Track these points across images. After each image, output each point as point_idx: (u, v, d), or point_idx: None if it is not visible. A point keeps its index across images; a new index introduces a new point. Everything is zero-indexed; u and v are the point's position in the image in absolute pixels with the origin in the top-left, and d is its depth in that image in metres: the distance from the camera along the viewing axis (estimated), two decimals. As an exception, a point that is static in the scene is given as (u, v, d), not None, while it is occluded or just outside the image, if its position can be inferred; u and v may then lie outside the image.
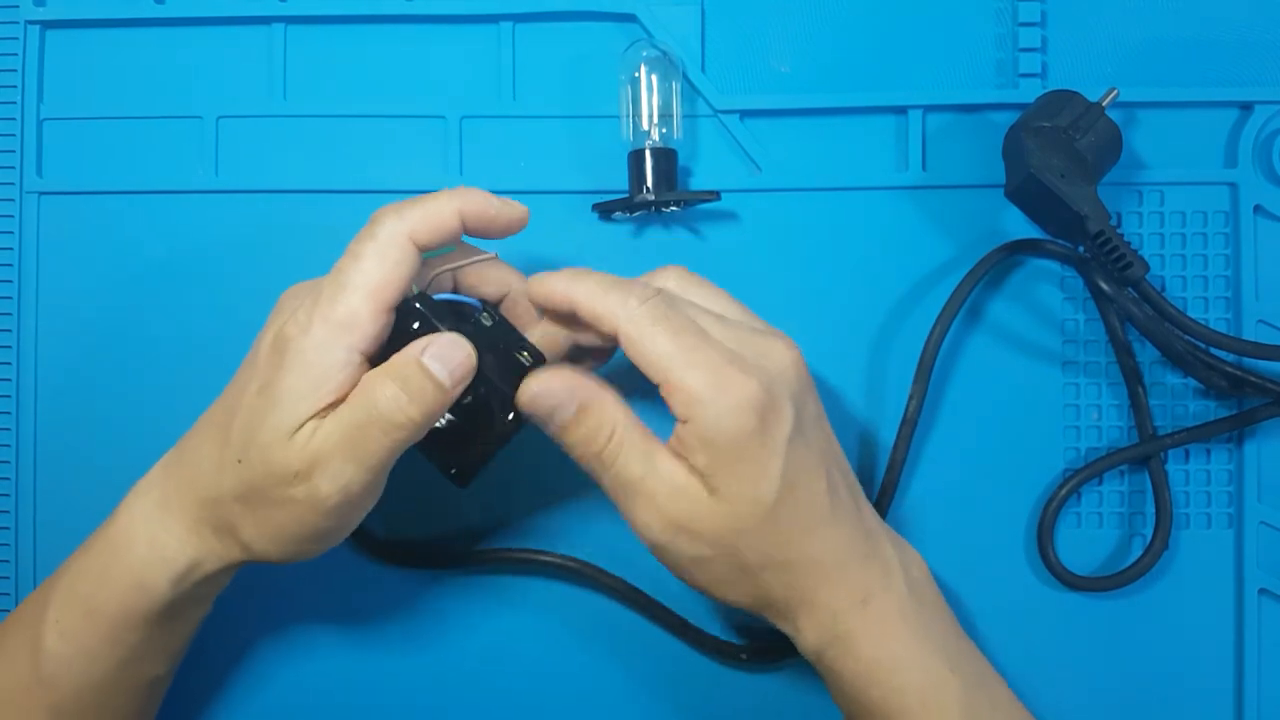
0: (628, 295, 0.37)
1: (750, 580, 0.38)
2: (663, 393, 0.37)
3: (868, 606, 0.39)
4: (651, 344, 0.37)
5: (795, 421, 0.37)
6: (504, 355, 0.39)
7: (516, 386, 0.38)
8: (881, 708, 0.39)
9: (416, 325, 0.38)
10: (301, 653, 0.48)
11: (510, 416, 0.39)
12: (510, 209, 0.39)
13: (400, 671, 0.48)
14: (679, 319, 0.37)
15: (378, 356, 0.38)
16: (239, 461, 0.37)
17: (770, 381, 0.37)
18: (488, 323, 0.40)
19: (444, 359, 0.37)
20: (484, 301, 0.41)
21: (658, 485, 0.37)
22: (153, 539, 0.39)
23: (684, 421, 0.37)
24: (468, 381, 0.37)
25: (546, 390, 0.38)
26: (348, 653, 0.48)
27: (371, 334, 0.37)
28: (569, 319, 0.40)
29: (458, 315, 0.39)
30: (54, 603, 0.40)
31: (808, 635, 0.39)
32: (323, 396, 0.36)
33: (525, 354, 0.39)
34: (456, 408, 0.38)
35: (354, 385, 0.37)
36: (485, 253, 0.41)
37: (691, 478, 0.37)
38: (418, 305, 0.38)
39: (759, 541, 0.37)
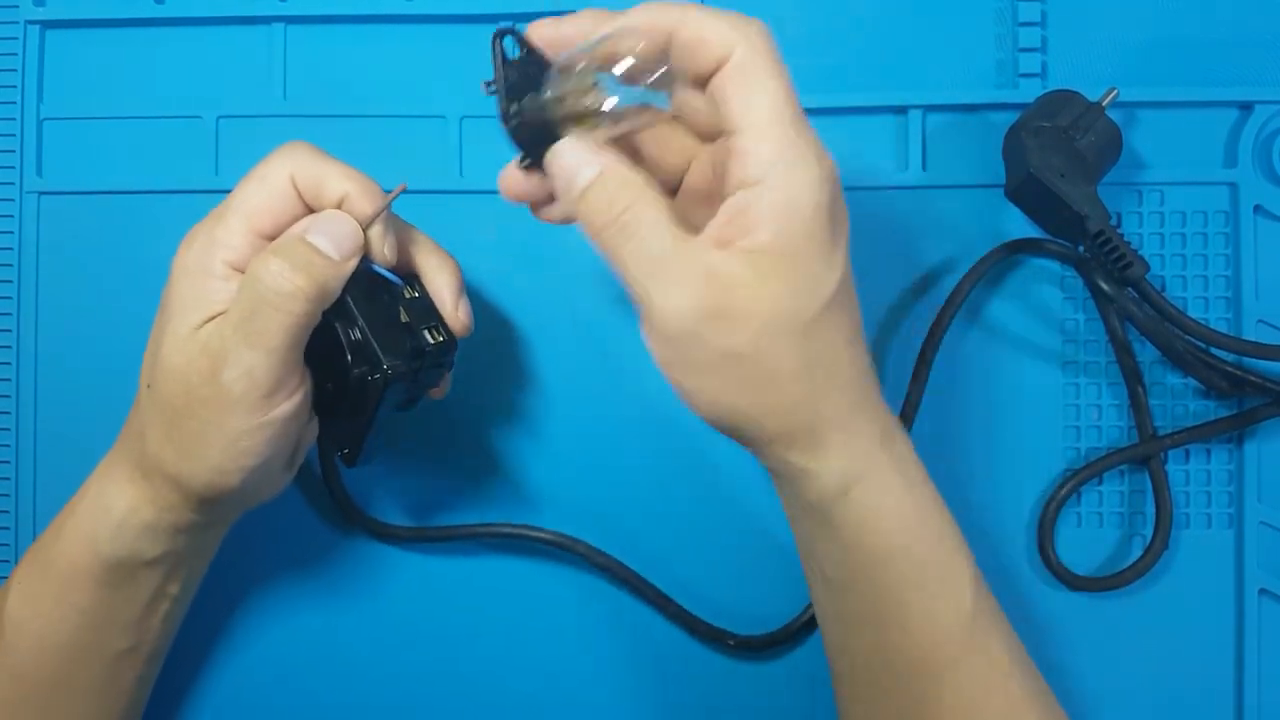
0: (743, 22, 0.33)
1: (779, 391, 0.34)
2: (745, 140, 0.33)
3: (892, 441, 0.36)
4: (763, 82, 0.32)
5: (848, 228, 0.35)
6: (399, 326, 0.38)
7: (406, 356, 0.38)
8: (904, 555, 0.36)
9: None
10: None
11: (376, 377, 0.38)
12: (370, 239, 0.38)
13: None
14: (788, 73, 0.33)
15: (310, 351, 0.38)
16: (148, 387, 0.38)
17: (837, 173, 0.34)
18: (408, 296, 0.39)
19: (328, 233, 0.37)
20: (407, 279, 0.40)
21: (689, 265, 0.33)
22: (98, 492, 0.39)
23: (758, 183, 0.32)
24: (359, 254, 0.38)
25: (563, 151, 0.35)
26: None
27: (247, 254, 0.37)
28: (642, 61, 0.34)
29: (380, 288, 0.39)
30: (21, 566, 0.41)
31: (834, 467, 0.35)
32: (207, 306, 0.37)
33: (434, 331, 0.39)
34: (335, 373, 0.38)
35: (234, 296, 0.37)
36: (398, 186, 0.39)
37: (733, 261, 0.32)
38: None
39: (807, 345, 0.33)
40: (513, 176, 0.37)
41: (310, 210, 0.38)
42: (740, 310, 0.33)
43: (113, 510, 0.38)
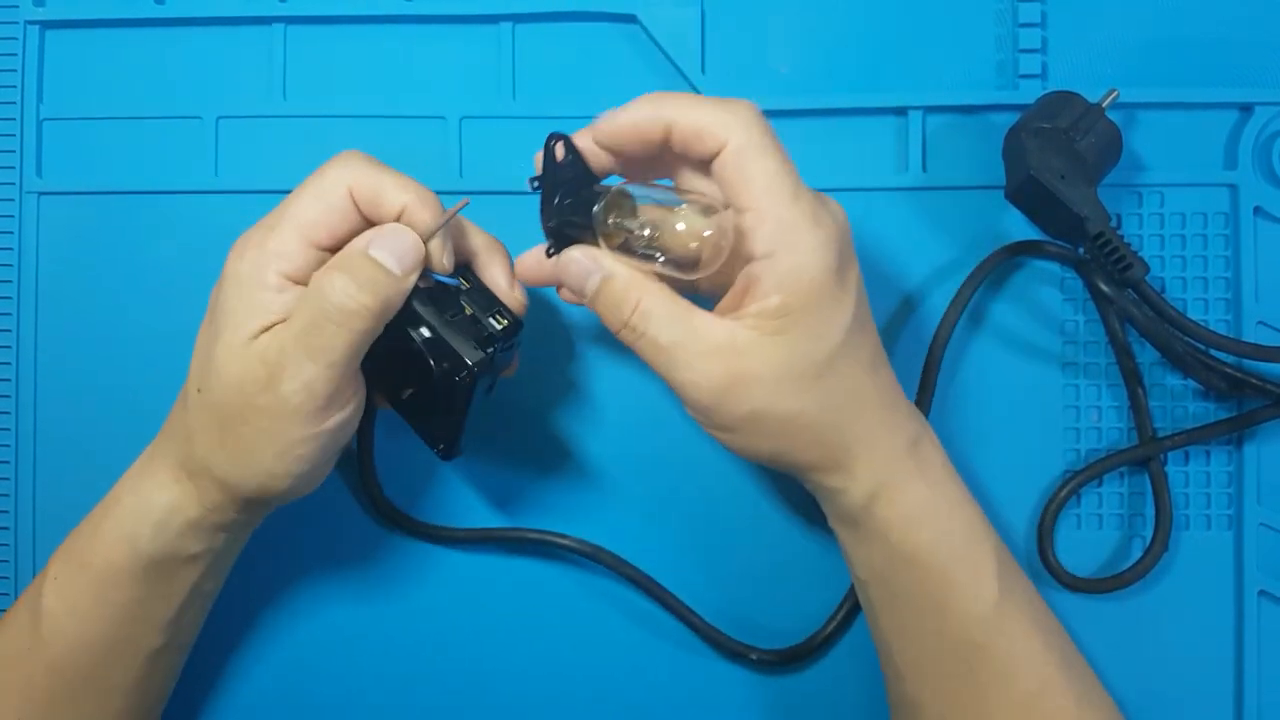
0: (734, 109, 0.36)
1: (801, 433, 0.37)
2: (749, 219, 0.36)
3: (916, 448, 0.39)
4: (760, 166, 0.35)
5: (857, 267, 0.38)
6: (466, 320, 0.39)
7: (483, 348, 0.38)
8: (927, 553, 0.39)
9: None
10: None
11: (463, 375, 0.38)
12: (441, 253, 0.39)
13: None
14: (783, 149, 0.36)
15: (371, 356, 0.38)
16: (199, 391, 0.38)
17: (842, 226, 0.37)
18: (464, 287, 0.40)
19: (390, 247, 0.37)
20: (461, 271, 0.41)
21: (698, 346, 0.36)
22: (137, 489, 0.39)
23: (767, 256, 0.35)
24: (420, 268, 0.38)
25: (572, 259, 0.38)
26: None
27: (302, 265, 0.37)
28: (645, 152, 0.38)
29: (438, 287, 0.40)
30: (55, 561, 0.41)
31: (861, 484, 0.38)
32: (263, 315, 0.37)
33: (499, 317, 0.40)
34: (417, 376, 0.39)
35: (291, 305, 0.37)
36: (461, 200, 0.40)
37: (744, 330, 0.36)
38: None
39: (823, 386, 0.36)
40: (529, 266, 0.41)
41: (366, 221, 0.38)
42: (753, 374, 0.36)
43: (154, 509, 0.39)
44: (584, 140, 0.38)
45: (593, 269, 0.38)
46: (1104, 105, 0.44)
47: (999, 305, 0.47)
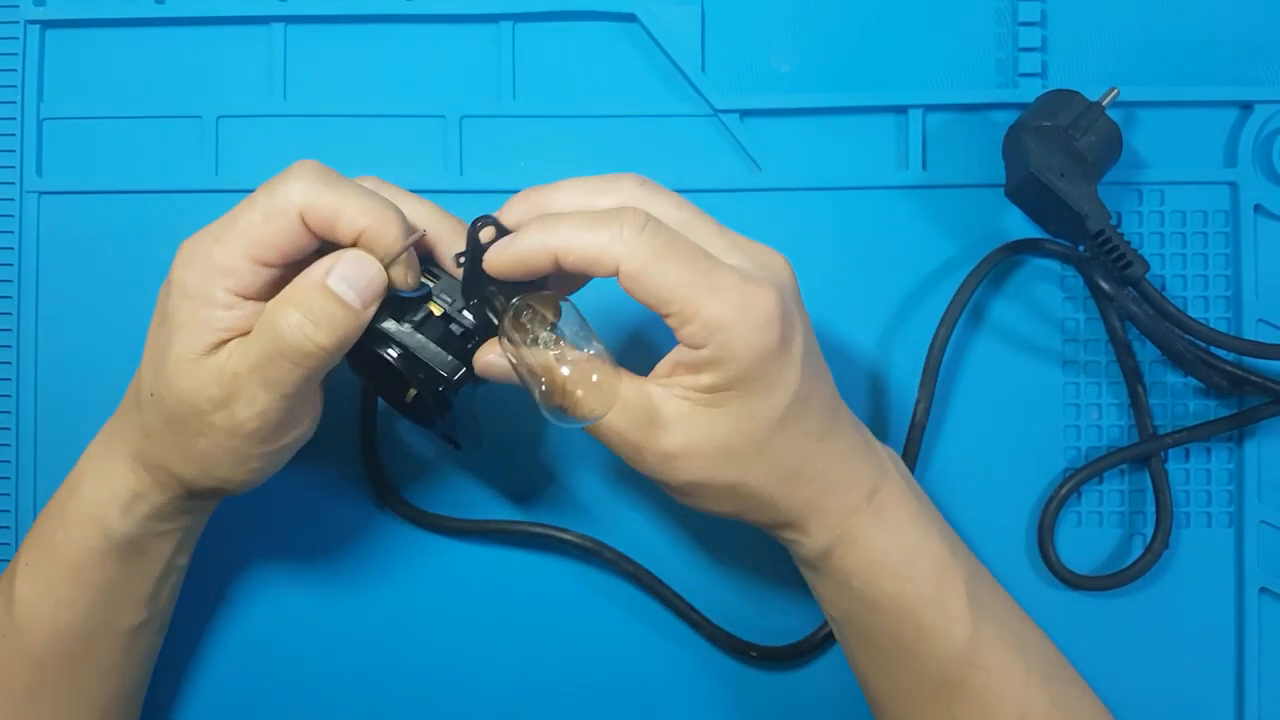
0: (619, 228, 0.34)
1: (745, 500, 0.37)
2: (672, 322, 0.34)
3: (873, 499, 0.38)
4: (661, 279, 0.34)
5: (805, 329, 0.36)
6: (436, 324, 0.38)
7: (457, 355, 0.37)
8: (891, 600, 0.38)
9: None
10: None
11: (442, 387, 0.38)
12: (406, 269, 0.37)
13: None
14: (684, 245, 0.34)
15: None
16: (151, 395, 0.37)
17: (781, 291, 0.35)
18: (430, 284, 0.38)
19: (351, 278, 0.35)
20: (425, 266, 0.38)
21: (631, 420, 0.36)
22: (100, 473, 0.39)
23: (699, 347, 0.34)
24: (380, 298, 0.36)
25: (494, 362, 0.37)
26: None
27: (252, 282, 0.35)
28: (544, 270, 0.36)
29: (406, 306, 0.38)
30: (25, 548, 0.41)
31: (815, 539, 0.38)
32: (213, 332, 0.36)
33: (469, 309, 0.38)
34: (403, 385, 0.38)
35: (243, 321, 0.36)
36: (416, 229, 0.37)
37: (675, 400, 0.35)
38: None
39: (762, 460, 0.36)
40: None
41: (320, 239, 0.36)
42: (689, 448, 0.36)
43: (118, 493, 0.39)
44: (513, 222, 0.37)
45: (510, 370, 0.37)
46: (1104, 103, 0.44)
47: (999, 303, 0.47)
